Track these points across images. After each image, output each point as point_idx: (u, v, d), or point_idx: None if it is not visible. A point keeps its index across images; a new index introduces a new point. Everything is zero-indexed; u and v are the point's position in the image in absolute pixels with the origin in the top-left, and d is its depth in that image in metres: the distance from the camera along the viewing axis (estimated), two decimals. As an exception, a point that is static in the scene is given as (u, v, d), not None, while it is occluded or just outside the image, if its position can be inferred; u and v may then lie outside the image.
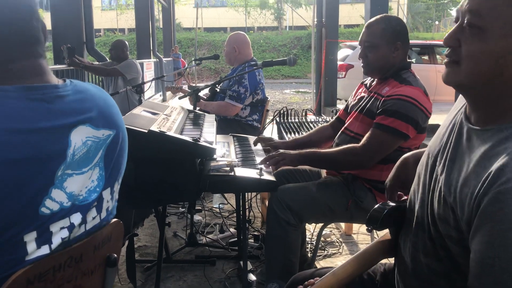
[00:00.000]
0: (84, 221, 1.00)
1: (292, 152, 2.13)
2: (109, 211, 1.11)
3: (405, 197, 1.28)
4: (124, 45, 5.21)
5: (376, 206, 1.22)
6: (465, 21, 0.94)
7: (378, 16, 2.19)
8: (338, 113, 2.53)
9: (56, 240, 0.93)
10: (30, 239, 0.88)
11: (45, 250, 0.91)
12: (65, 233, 0.95)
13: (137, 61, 5.44)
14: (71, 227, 0.96)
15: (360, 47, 2.20)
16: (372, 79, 2.29)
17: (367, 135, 2.05)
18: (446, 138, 1.06)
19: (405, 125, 1.98)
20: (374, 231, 2.72)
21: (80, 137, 0.97)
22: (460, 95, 1.07)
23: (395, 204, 1.22)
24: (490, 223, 0.83)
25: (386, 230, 1.26)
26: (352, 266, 1.20)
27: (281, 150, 2.14)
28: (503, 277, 0.82)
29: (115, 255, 1.13)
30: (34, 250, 0.89)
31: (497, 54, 0.91)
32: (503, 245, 0.82)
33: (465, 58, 0.94)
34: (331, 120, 2.55)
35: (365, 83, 2.36)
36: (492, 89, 0.94)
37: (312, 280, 1.18)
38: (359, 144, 2.06)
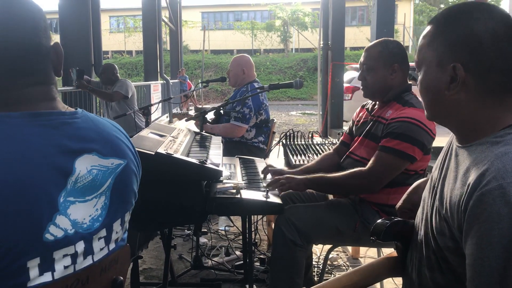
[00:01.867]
0: (90, 252, 0.99)
1: (298, 176, 2.13)
2: (118, 242, 1.09)
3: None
4: (113, 68, 5.31)
5: (382, 219, 1.27)
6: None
7: (377, 40, 2.24)
8: (342, 137, 2.53)
9: (59, 268, 0.92)
10: (33, 265, 0.87)
11: (48, 277, 0.90)
12: (68, 261, 0.94)
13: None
14: (74, 256, 0.95)
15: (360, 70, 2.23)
16: (374, 102, 2.30)
17: (372, 158, 2.05)
18: (442, 162, 1.16)
19: (411, 147, 1.98)
20: (382, 254, 2.70)
21: (85, 165, 0.97)
22: None
23: (401, 219, 1.25)
24: (476, 225, 0.89)
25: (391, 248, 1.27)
26: (357, 276, 1.21)
27: (288, 175, 2.14)
28: (493, 275, 0.86)
29: (122, 278, 1.12)
30: (36, 276, 0.88)
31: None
32: (489, 244, 0.86)
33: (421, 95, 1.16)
34: (336, 146, 2.55)
35: (366, 107, 2.37)
36: (448, 114, 1.09)
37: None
38: (365, 168, 2.06)
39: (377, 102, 2.26)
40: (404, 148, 1.98)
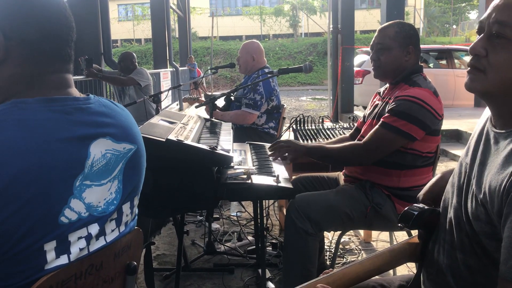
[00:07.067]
0: (103, 233, 1.02)
1: (300, 143, 2.18)
2: (128, 225, 1.12)
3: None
4: (132, 56, 5.31)
5: (411, 205, 1.24)
6: (494, 31, 0.99)
7: (391, 21, 2.23)
8: (356, 124, 2.54)
9: (74, 250, 0.94)
10: (50, 248, 0.90)
11: (64, 260, 0.93)
12: (83, 243, 0.96)
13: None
14: (88, 238, 0.97)
15: (371, 51, 2.22)
16: (386, 86, 2.29)
17: (370, 132, 2.08)
18: (475, 148, 1.12)
19: (408, 125, 1.99)
20: (394, 237, 2.71)
21: (100, 149, 0.99)
22: (484, 111, 1.16)
23: (429, 207, 1.24)
24: None
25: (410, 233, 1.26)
26: (380, 261, 1.21)
27: (291, 140, 2.18)
28: None
29: (135, 263, 1.14)
30: (53, 259, 0.91)
31: None
32: None
33: (493, 67, 1.00)
34: (351, 131, 2.56)
35: (379, 91, 2.37)
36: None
37: (327, 270, 1.19)
38: (361, 141, 2.10)
39: (388, 85, 2.25)
40: (400, 125, 1.99)
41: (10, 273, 0.87)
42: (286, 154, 2.21)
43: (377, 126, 2.07)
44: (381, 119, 2.06)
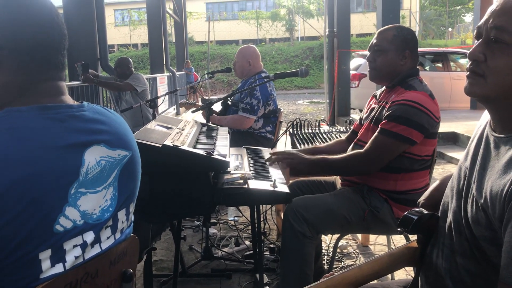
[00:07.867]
0: (98, 240, 1.01)
1: (305, 156, 2.18)
2: (124, 232, 1.11)
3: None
4: (128, 62, 5.30)
5: (410, 210, 1.24)
6: (491, 37, 1.00)
7: (391, 25, 2.24)
8: (353, 126, 2.54)
9: (69, 258, 0.94)
10: (45, 256, 0.89)
11: (59, 268, 0.92)
12: (78, 251, 0.95)
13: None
14: (84, 245, 0.97)
15: (369, 52, 2.23)
16: (382, 89, 2.29)
17: (370, 140, 2.08)
18: (475, 152, 1.12)
19: (408, 130, 1.99)
20: (392, 241, 2.70)
21: (94, 156, 0.98)
22: (483, 115, 1.17)
23: (428, 212, 1.24)
24: None
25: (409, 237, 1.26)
26: (379, 265, 1.21)
27: (295, 151, 2.20)
28: None
29: (131, 271, 1.13)
30: (48, 268, 0.90)
31: None
32: None
33: (492, 72, 1.01)
34: (347, 134, 2.56)
35: (375, 94, 2.37)
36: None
37: (328, 274, 1.18)
38: (362, 150, 2.09)
39: (384, 89, 2.26)
40: (400, 131, 1.99)
41: (5, 282, 0.86)
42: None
43: (376, 134, 2.06)
44: (380, 126, 2.06)
